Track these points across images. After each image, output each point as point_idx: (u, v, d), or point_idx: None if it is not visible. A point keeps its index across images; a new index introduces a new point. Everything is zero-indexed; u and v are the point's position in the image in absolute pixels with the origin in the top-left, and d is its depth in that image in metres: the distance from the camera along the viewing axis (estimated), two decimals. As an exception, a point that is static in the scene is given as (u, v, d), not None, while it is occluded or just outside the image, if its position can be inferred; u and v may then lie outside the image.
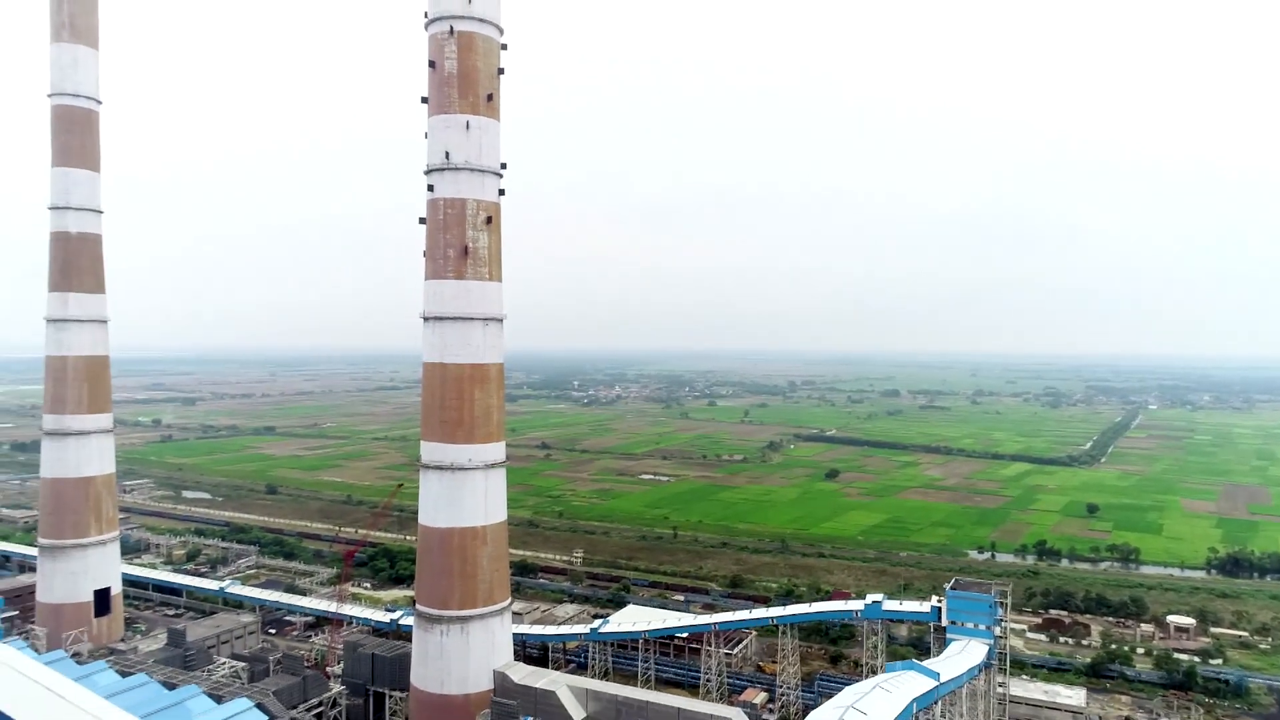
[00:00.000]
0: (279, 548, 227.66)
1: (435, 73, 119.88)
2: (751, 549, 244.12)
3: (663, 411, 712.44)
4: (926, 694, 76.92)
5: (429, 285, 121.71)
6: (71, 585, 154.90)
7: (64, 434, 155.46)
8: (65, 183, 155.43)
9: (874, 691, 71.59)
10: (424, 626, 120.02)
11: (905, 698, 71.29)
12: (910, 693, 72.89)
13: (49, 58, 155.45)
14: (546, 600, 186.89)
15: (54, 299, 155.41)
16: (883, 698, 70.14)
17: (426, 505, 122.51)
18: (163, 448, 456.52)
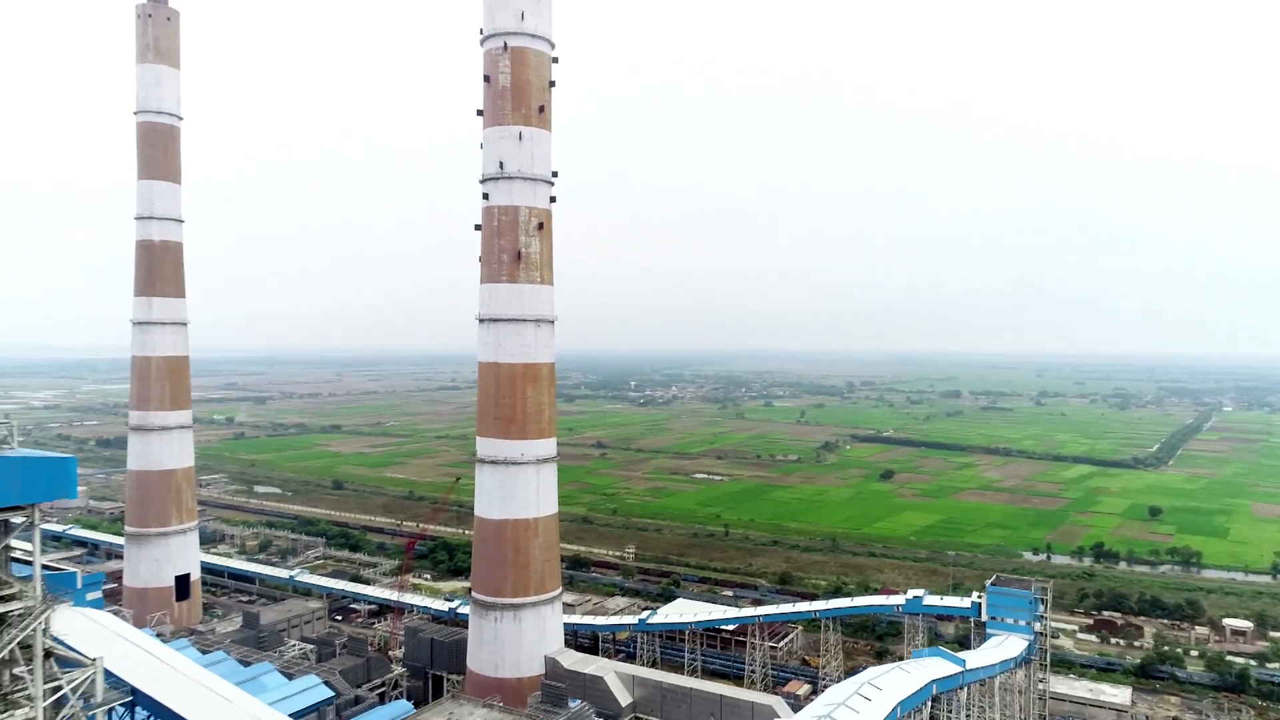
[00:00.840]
0: (344, 540, 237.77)
1: (490, 87, 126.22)
2: (802, 547, 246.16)
3: (718, 412, 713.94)
4: (948, 678, 79.56)
5: (484, 288, 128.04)
6: (155, 571, 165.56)
7: (148, 429, 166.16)
8: (149, 194, 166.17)
9: (894, 671, 74.76)
10: (479, 613, 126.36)
11: (924, 678, 74.16)
12: (930, 674, 75.73)
13: (135, 78, 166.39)
14: (598, 593, 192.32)
15: (139, 303, 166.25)
16: (901, 677, 73.20)
17: (482, 498, 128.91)
18: (236, 445, 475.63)
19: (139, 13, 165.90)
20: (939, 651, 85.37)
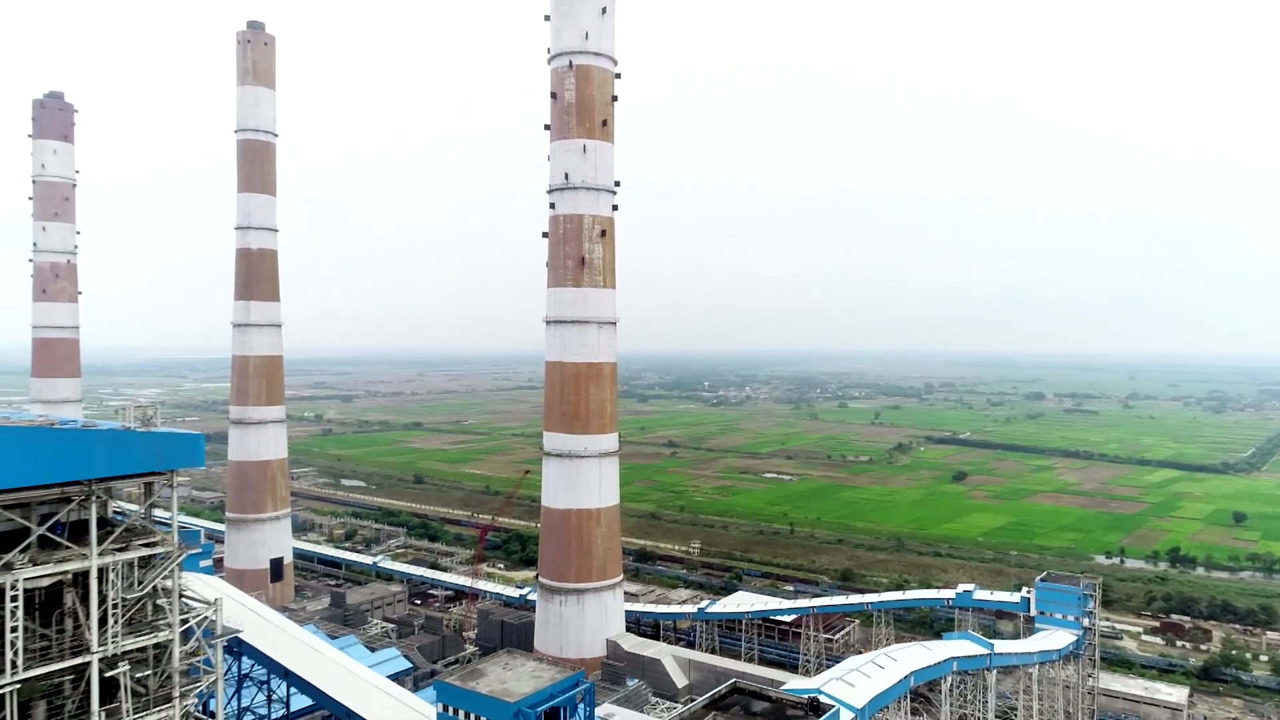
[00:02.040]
0: (424, 530, 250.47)
1: (556, 103, 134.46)
2: (867, 546, 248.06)
3: (791, 412, 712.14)
4: (971, 658, 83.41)
5: (550, 292, 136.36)
6: (252, 554, 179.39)
7: (246, 423, 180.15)
8: (248, 206, 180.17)
9: (915, 648, 79.20)
10: (545, 597, 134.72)
11: (943, 655, 78.34)
12: (951, 652, 79.87)
13: (235, 99, 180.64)
14: (663, 585, 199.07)
15: (239, 306, 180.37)
16: (920, 651, 77.60)
17: (548, 489, 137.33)
18: (324, 440, 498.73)
19: (239, 39, 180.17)
20: (968, 635, 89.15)
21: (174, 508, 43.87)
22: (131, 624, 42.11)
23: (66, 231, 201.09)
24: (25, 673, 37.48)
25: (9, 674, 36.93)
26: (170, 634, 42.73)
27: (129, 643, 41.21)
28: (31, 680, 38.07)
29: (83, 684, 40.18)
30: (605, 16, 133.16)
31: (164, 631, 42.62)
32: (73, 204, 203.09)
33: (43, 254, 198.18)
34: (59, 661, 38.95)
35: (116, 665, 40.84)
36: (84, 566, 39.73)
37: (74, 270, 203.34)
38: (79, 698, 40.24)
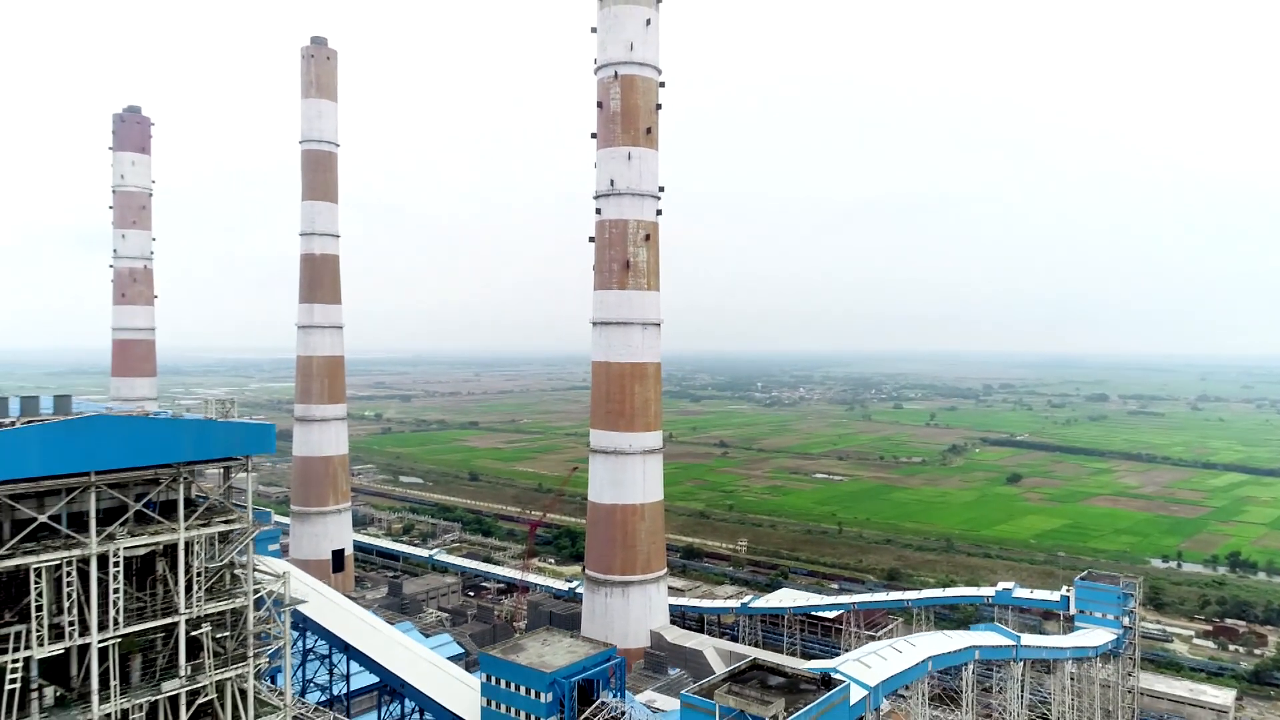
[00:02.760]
0: (478, 526, 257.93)
1: (602, 112, 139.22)
2: (915, 546, 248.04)
3: (845, 413, 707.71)
4: (994, 648, 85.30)
5: (597, 295, 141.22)
6: (315, 545, 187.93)
7: (310, 420, 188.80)
8: (311, 213, 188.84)
9: (937, 636, 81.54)
10: (592, 588, 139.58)
11: (964, 643, 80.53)
12: (972, 641, 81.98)
13: (300, 111, 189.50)
14: (709, 582, 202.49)
15: (303, 309, 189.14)
16: (941, 639, 79.91)
17: (594, 484, 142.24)
18: (384, 439, 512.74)
19: (304, 54, 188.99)
20: (994, 627, 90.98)
21: (249, 490, 49.45)
22: (212, 591, 47.74)
23: (144, 238, 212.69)
24: (125, 629, 43.23)
25: (112, 629, 42.69)
26: (245, 601, 48.28)
27: (210, 607, 46.84)
28: (130, 636, 43.79)
29: (171, 642, 45.84)
30: (649, 28, 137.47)
31: (239, 599, 48.18)
32: (149, 212, 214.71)
33: (122, 260, 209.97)
34: (152, 620, 44.70)
35: (199, 626, 46.45)
36: (173, 539, 45.41)
37: (150, 275, 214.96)
38: (168, 654, 45.95)
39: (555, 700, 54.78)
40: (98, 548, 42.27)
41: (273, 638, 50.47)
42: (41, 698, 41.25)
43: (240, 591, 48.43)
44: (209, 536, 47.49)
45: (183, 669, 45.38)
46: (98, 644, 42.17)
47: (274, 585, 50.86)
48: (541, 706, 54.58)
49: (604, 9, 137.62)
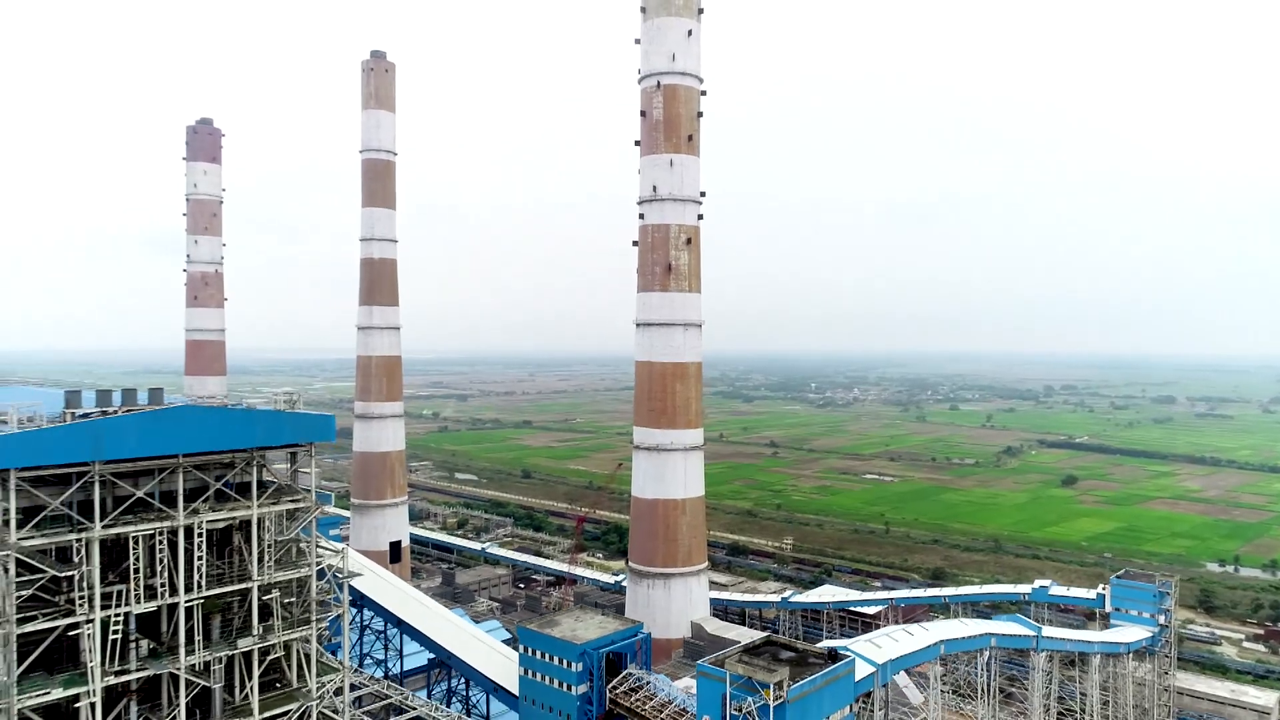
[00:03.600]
0: (529, 521, 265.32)
1: (646, 121, 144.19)
2: (963, 547, 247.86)
3: (899, 414, 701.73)
4: (1013, 637, 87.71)
5: (640, 296, 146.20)
6: (373, 537, 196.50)
7: (369, 417, 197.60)
8: (371, 219, 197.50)
9: (953, 623, 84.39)
10: (634, 580, 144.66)
11: (980, 630, 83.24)
12: (988, 629, 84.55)
13: (360, 122, 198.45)
14: (753, 578, 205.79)
15: (362, 311, 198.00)
16: (955, 625, 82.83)
17: (637, 480, 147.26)
18: (440, 437, 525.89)
19: (363, 67, 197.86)
20: (1015, 618, 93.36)
21: (312, 473, 55.67)
22: (280, 562, 54.01)
23: (214, 244, 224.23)
24: (207, 591, 49.62)
25: (196, 591, 49.09)
26: (308, 571, 54.47)
27: (279, 576, 53.10)
28: (211, 598, 50.17)
29: (245, 605, 52.19)
30: (691, 39, 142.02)
31: (304, 569, 54.39)
32: (220, 219, 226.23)
33: (194, 264, 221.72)
34: (229, 585, 51.08)
35: (269, 593, 52.77)
36: (247, 515, 51.72)
37: (221, 279, 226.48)
38: (243, 615, 52.31)
39: (585, 670, 59.87)
40: (184, 521, 48.76)
41: (332, 605, 56.54)
42: (138, 648, 47.81)
43: (304, 563, 54.67)
44: (278, 514, 53.79)
45: (255, 629, 51.72)
46: (184, 604, 48.65)
47: (333, 560, 57.02)
48: (572, 675, 59.71)
49: (647, 21, 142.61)
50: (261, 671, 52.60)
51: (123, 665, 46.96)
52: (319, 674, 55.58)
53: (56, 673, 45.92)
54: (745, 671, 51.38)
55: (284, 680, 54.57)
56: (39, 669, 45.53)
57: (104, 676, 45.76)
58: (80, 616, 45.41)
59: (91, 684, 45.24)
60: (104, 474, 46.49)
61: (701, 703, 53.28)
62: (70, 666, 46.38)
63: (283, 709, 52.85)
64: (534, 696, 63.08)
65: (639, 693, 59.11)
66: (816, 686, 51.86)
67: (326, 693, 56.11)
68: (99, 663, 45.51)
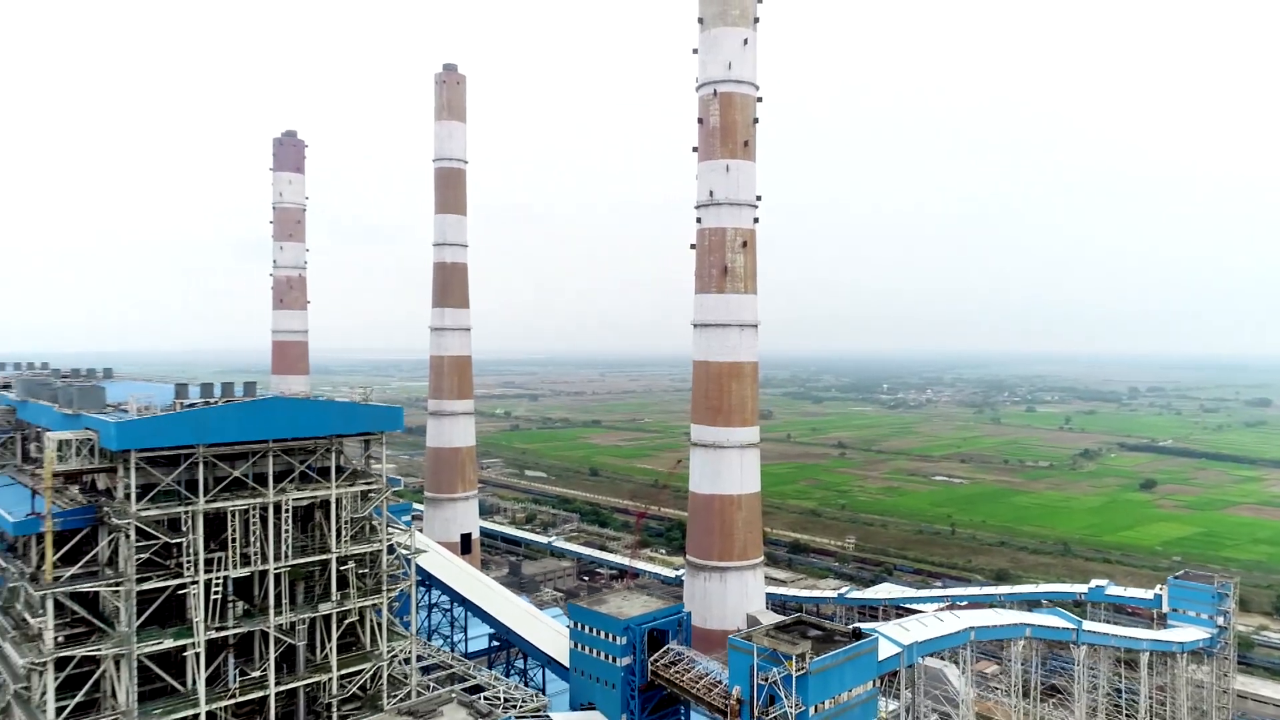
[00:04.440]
0: (595, 517, 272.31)
1: (703, 127, 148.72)
2: (1030, 549, 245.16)
3: (973, 416, 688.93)
4: (1051, 629, 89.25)
5: (697, 298, 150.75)
6: (445, 528, 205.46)
7: (441, 414, 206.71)
8: (443, 225, 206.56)
9: (990, 613, 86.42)
10: (692, 573, 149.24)
11: (1013, 619, 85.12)
12: (1023, 619, 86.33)
13: (433, 132, 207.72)
14: (813, 575, 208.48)
15: (435, 313, 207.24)
16: (988, 613, 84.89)
17: (694, 476, 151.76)
18: (511, 435, 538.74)
19: (436, 80, 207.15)
20: (1056, 611, 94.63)
21: (383, 459, 62.24)
22: (355, 537, 60.61)
23: (298, 250, 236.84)
24: (292, 561, 56.50)
25: (283, 560, 55.99)
26: (380, 546, 61.02)
27: (354, 549, 59.73)
28: (295, 566, 57.03)
29: (325, 574, 58.94)
30: (747, 47, 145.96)
31: (375, 544, 60.95)
32: (304, 226, 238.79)
33: (280, 269, 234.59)
34: (311, 556, 57.89)
35: (346, 564, 59.43)
36: (327, 495, 58.45)
37: (304, 282, 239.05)
38: (323, 583, 59.07)
39: (629, 643, 64.97)
40: (274, 498, 55.70)
41: (401, 579, 63.02)
42: (234, 608, 54.86)
43: (376, 539, 61.26)
44: (353, 494, 60.43)
45: (333, 595, 58.43)
46: (273, 571, 55.59)
47: (402, 538, 63.50)
48: (617, 648, 64.90)
49: (704, 31, 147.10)
50: (339, 634, 59.27)
51: (222, 622, 54.02)
52: (389, 640, 62.06)
53: (167, 626, 53.17)
54: (771, 645, 55.73)
55: (358, 644, 61.20)
56: (153, 623, 52.84)
57: (206, 631, 52.89)
58: (187, 578, 52.62)
59: (196, 636, 52.39)
60: (207, 456, 53.59)
61: (732, 674, 57.81)
62: (178, 622, 53.59)
63: (357, 668, 59.47)
64: (583, 668, 68.55)
65: (678, 665, 63.93)
66: (838, 661, 55.86)
67: (396, 657, 62.60)
68: (202, 619, 52.66)
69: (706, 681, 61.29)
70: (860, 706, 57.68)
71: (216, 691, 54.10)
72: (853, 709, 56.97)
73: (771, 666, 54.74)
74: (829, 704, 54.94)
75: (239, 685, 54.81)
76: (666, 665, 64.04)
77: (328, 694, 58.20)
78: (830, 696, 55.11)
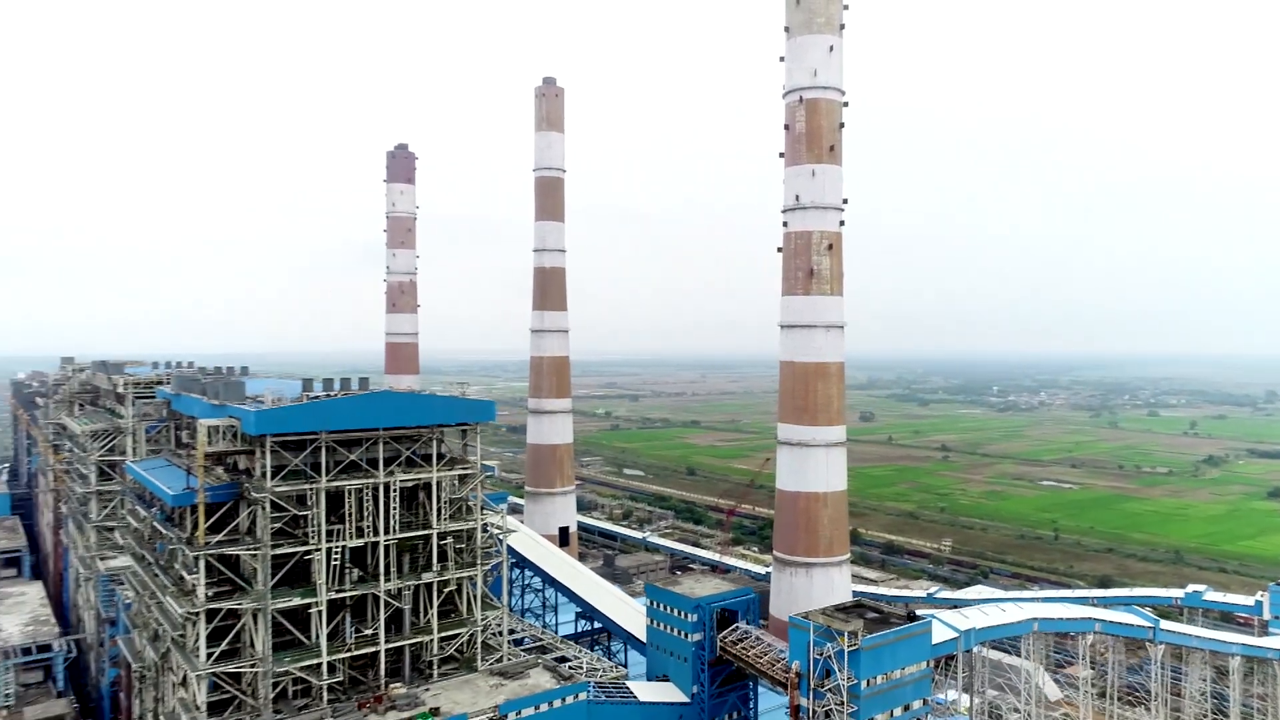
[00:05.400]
0: (690, 514, 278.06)
1: (789, 134, 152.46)
2: (1139, 557, 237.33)
3: (1088, 420, 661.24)
4: (1124, 625, 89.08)
5: (783, 300, 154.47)
6: (544, 521, 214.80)
7: (540, 412, 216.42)
8: (543, 232, 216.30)
9: (1059, 606, 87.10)
10: (778, 568, 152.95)
11: (1082, 614, 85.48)
12: (1096, 615, 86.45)
13: (532, 143, 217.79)
14: (906, 576, 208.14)
15: (535, 315, 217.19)
16: (1057, 606, 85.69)
17: (781, 473, 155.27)
18: (611, 434, 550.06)
19: (536, 93, 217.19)
20: (1135, 610, 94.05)
21: (477, 444, 69.71)
22: (453, 516, 68.31)
23: (409, 257, 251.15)
24: (399, 535, 64.52)
25: (391, 533, 64.07)
26: (475, 524, 68.51)
27: (452, 526, 67.38)
28: (402, 540, 65.04)
29: (427, 547, 66.78)
30: (832, 54, 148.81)
31: (471, 523, 68.47)
32: (414, 234, 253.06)
33: (393, 275, 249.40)
34: (416, 531, 65.82)
35: (445, 539, 67.13)
36: (429, 478, 66.25)
37: (414, 287, 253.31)
38: (425, 556, 66.93)
39: (700, 621, 70.38)
40: (384, 479, 63.79)
41: (494, 554, 70.39)
42: (350, 574, 63.17)
43: (471, 519, 68.77)
44: (451, 478, 68.12)
45: (434, 566, 66.18)
46: (383, 542, 63.65)
47: (494, 518, 70.87)
48: (688, 625, 70.39)
49: (790, 40, 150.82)
50: (440, 601, 66.97)
51: (340, 586, 62.35)
52: (483, 609, 69.47)
53: (295, 588, 61.83)
54: (825, 622, 60.07)
55: (456, 611, 68.83)
56: (283, 584, 61.56)
57: (327, 592, 61.29)
58: (312, 546, 61.16)
59: (319, 597, 60.86)
60: (328, 441, 62.04)
61: (792, 649, 62.40)
62: (304, 584, 62.18)
63: (454, 632, 67.06)
64: (658, 642, 74.35)
65: (744, 642, 68.90)
66: (889, 640, 59.68)
67: (490, 625, 69.99)
68: (324, 581, 61.10)
69: (770, 657, 66.05)
70: (914, 685, 61.35)
71: (335, 646, 62.44)
72: (905, 686, 60.70)
73: (826, 642, 59.17)
74: (881, 679, 58.93)
75: (354, 641, 63.10)
76: (734, 641, 69.13)
77: (429, 653, 66.01)
78: (882, 672, 59.08)
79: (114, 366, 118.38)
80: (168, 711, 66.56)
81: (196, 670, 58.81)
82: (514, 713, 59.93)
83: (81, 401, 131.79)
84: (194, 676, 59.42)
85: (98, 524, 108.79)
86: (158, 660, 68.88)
